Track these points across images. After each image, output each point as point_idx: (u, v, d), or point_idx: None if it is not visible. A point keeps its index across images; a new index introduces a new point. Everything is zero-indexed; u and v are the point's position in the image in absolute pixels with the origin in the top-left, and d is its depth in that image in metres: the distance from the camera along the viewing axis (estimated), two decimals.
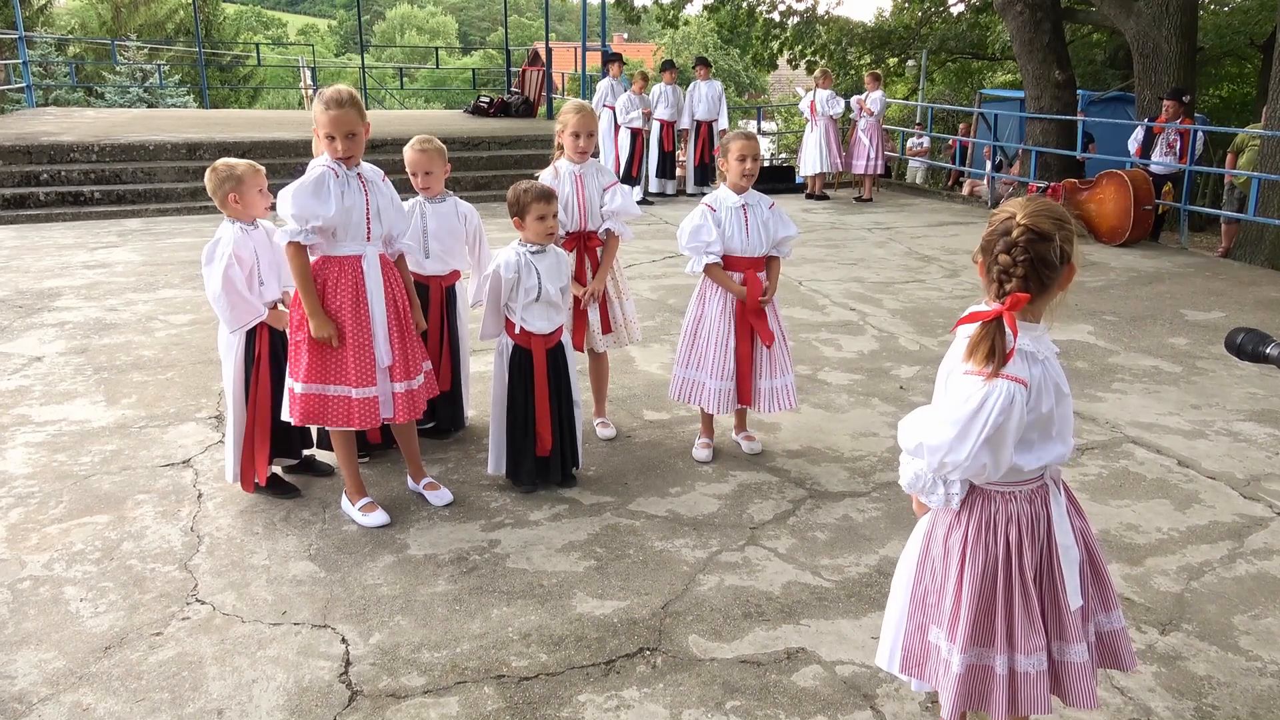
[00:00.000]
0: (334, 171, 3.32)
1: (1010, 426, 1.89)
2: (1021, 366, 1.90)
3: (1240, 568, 3.38)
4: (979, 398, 1.88)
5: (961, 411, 1.89)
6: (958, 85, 23.90)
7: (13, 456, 4.16)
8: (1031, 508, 2.05)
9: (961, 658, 2.07)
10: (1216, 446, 4.44)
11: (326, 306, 3.37)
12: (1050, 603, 2.07)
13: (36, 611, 3.03)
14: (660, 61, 13.69)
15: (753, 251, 3.99)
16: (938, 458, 1.94)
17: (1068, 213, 1.99)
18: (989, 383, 1.88)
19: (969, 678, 2.09)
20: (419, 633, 2.94)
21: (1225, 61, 20.05)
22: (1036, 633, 2.05)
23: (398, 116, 16.88)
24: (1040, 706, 2.07)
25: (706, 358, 4.07)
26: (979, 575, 2.04)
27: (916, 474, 2.05)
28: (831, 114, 11.60)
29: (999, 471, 1.95)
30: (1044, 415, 1.96)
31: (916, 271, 8.00)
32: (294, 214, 3.28)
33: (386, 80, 29.67)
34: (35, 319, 6.20)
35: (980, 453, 1.90)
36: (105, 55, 24.35)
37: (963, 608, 2.06)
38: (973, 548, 2.05)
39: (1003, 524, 2.04)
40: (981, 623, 2.06)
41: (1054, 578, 2.06)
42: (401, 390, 3.49)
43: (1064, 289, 1.98)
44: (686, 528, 3.62)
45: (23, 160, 10.28)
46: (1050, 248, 1.90)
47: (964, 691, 2.09)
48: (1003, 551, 2.04)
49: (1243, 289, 7.58)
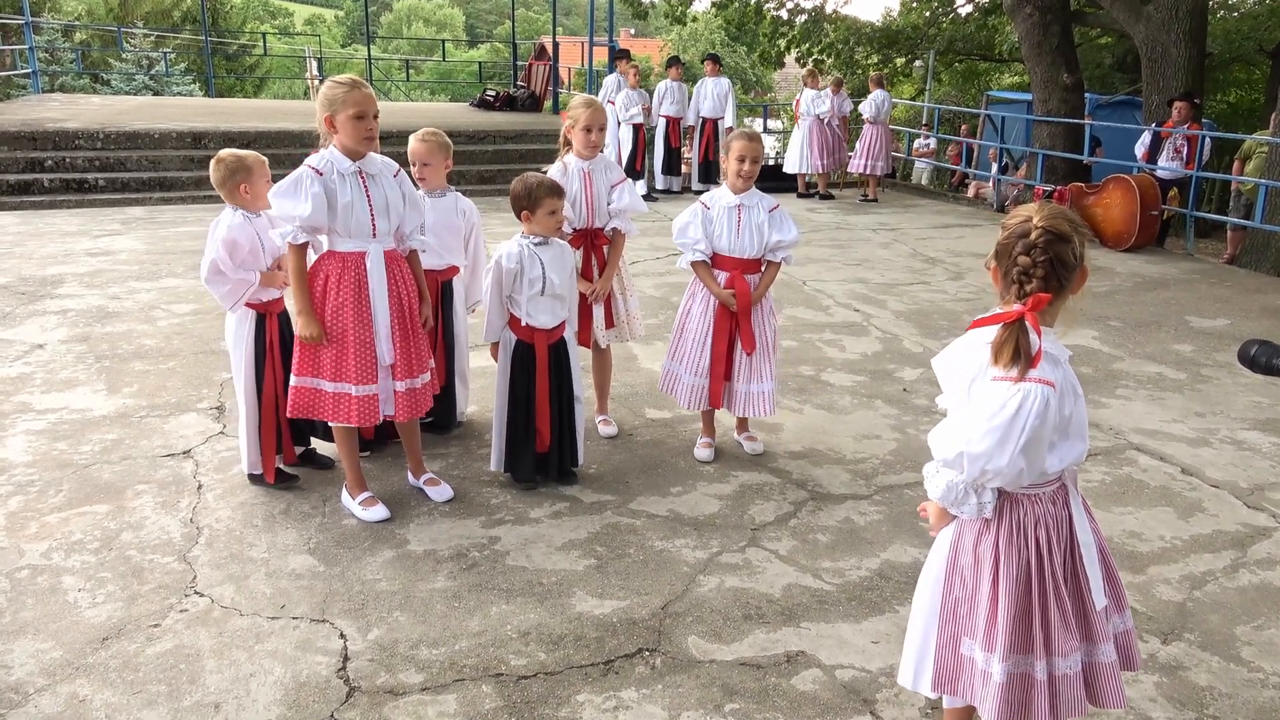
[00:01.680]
0: (316, 171, 3.27)
1: (1046, 430, 1.89)
2: (1048, 369, 1.91)
3: (1243, 578, 3.37)
4: (1015, 403, 1.87)
5: (1000, 419, 1.88)
6: (965, 86, 23.85)
7: (13, 444, 4.14)
8: (1055, 509, 2.05)
9: (1002, 667, 2.04)
10: (1221, 455, 4.42)
11: (330, 302, 3.35)
12: (1077, 602, 2.07)
13: (34, 601, 3.02)
14: (666, 58, 13.68)
15: (741, 253, 3.97)
16: (979, 465, 1.92)
17: (1078, 217, 2.01)
18: (1020, 387, 1.88)
19: (1011, 687, 2.05)
20: (418, 629, 2.93)
21: (1234, 67, 20.01)
22: (1071, 634, 2.04)
23: (403, 109, 16.84)
24: (1078, 708, 2.06)
25: (686, 352, 4.08)
26: (1014, 580, 2.02)
27: (949, 485, 2.02)
28: (817, 113, 11.55)
29: (1033, 475, 1.95)
30: (1064, 417, 1.96)
31: (921, 273, 7.98)
32: (277, 214, 3.31)
33: (393, 72, 29.61)
34: (38, 306, 6.19)
35: (1018, 458, 1.89)
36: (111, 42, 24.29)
37: (999, 615, 2.04)
38: (1005, 553, 2.03)
39: (1031, 527, 2.03)
40: (1020, 629, 2.04)
41: (1078, 578, 2.06)
42: (403, 389, 3.48)
43: (1075, 293, 1.99)
44: (687, 528, 3.60)
45: (28, 146, 10.27)
46: (1069, 249, 1.93)
47: (1007, 700, 2.05)
48: (1034, 555, 2.03)
49: (1248, 296, 7.56)
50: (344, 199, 3.29)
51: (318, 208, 3.25)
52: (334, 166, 3.30)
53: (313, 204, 3.23)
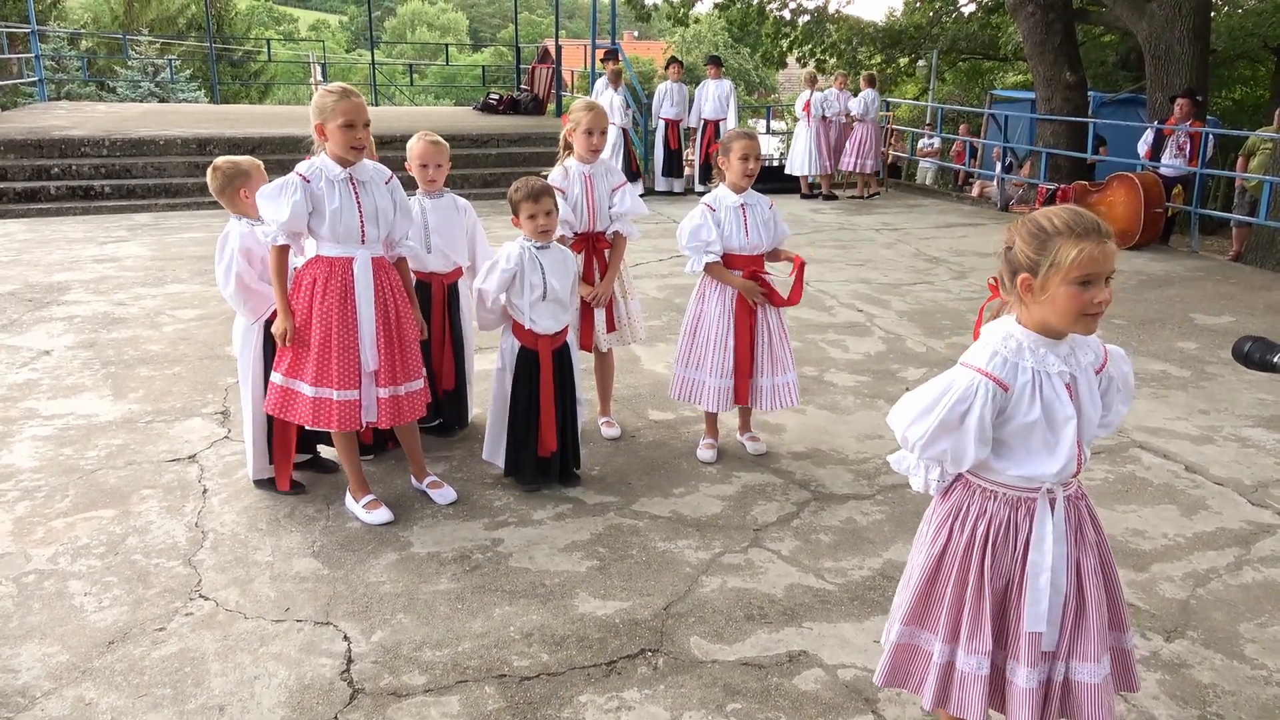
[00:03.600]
0: (303, 178, 3.31)
1: (971, 419, 1.95)
2: (999, 365, 1.96)
3: (1247, 575, 3.36)
4: (945, 383, 1.99)
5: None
6: (969, 86, 23.81)
7: (20, 450, 4.17)
8: (1011, 514, 2.05)
9: (898, 629, 2.19)
10: (1225, 452, 4.41)
11: (315, 306, 3.37)
12: (1000, 610, 2.08)
13: (41, 606, 3.04)
14: (667, 58, 13.71)
15: (752, 250, 4.00)
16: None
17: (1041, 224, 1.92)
18: (961, 370, 1.99)
19: (898, 653, 2.20)
20: (421, 631, 2.94)
21: (1238, 64, 19.94)
22: (981, 636, 2.06)
23: (407, 113, 16.88)
24: (972, 713, 2.09)
25: (706, 356, 4.07)
26: (933, 555, 2.13)
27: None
28: (827, 113, 11.67)
29: (961, 463, 2.02)
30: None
31: (924, 273, 7.98)
32: (260, 215, 3.37)
33: (396, 76, 29.70)
34: (44, 312, 6.23)
35: (938, 436, 1.98)
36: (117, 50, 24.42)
37: (909, 582, 2.17)
38: (936, 529, 2.13)
39: (973, 516, 2.08)
40: (922, 603, 2.15)
41: (1023, 592, 2.06)
42: (386, 395, 3.47)
43: (1027, 300, 1.94)
44: (690, 529, 3.61)
45: (34, 154, 10.33)
46: (1014, 247, 1.96)
47: (892, 663, 2.21)
48: (964, 542, 2.08)
49: (1253, 293, 7.54)
50: (332, 205, 3.31)
51: (295, 214, 3.28)
52: (323, 173, 3.33)
53: (291, 210, 3.27)
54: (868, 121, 11.81)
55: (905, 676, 2.22)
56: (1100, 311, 1.89)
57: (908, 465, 2.12)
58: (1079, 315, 1.89)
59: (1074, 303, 1.87)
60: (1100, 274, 1.87)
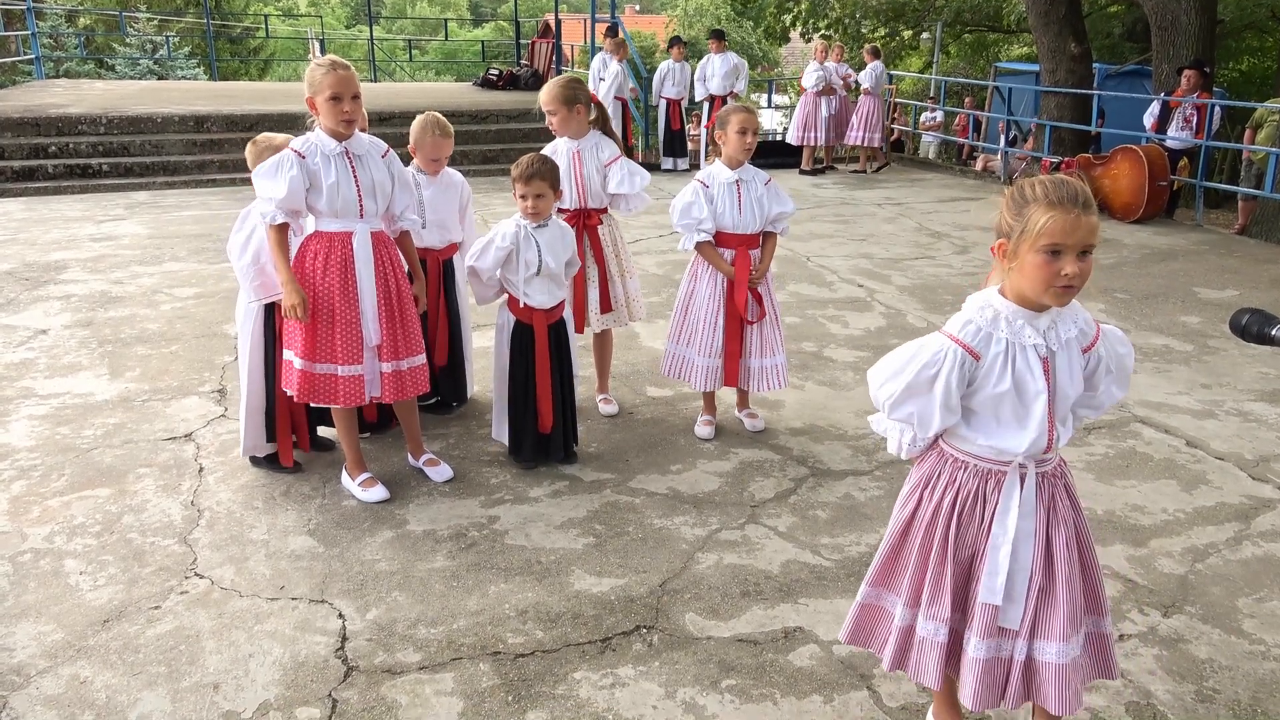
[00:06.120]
0: (298, 154, 3.27)
1: (939, 385, 1.96)
2: (974, 336, 1.97)
3: (1246, 550, 3.35)
4: (918, 346, 2.00)
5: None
6: (973, 58, 23.58)
7: (16, 429, 4.17)
8: (980, 486, 2.05)
9: (864, 590, 2.25)
10: (1226, 427, 4.38)
11: (317, 282, 3.35)
12: (962, 579, 2.10)
13: (36, 584, 3.04)
14: (670, 37, 13.58)
15: (745, 229, 3.94)
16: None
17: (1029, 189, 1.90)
18: (934, 335, 2.01)
19: (863, 612, 2.26)
20: (416, 608, 2.94)
21: (1246, 35, 19.69)
22: (941, 603, 2.08)
23: (407, 89, 16.77)
24: (928, 678, 2.13)
25: (696, 335, 4.05)
26: (902, 520, 2.16)
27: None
28: (833, 84, 11.60)
29: (928, 427, 2.02)
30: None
31: (926, 248, 7.92)
32: (258, 193, 3.32)
33: (396, 53, 29.45)
34: (41, 291, 6.21)
35: (905, 398, 1.99)
36: (115, 27, 24.24)
37: (881, 545, 2.21)
38: (907, 495, 2.16)
39: (943, 485, 2.08)
40: (888, 565, 2.20)
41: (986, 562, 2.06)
42: (389, 370, 3.46)
43: (1004, 263, 1.93)
44: (686, 505, 3.60)
45: (31, 132, 10.28)
46: (1002, 209, 1.96)
47: (856, 623, 2.27)
48: (931, 509, 2.09)
49: (1258, 267, 7.48)
50: (329, 180, 3.28)
51: (293, 190, 3.24)
52: (318, 148, 3.29)
53: (288, 186, 3.23)
54: (874, 95, 11.69)
55: (869, 636, 2.27)
56: (1070, 284, 1.84)
57: (884, 427, 2.14)
58: (1047, 285, 1.86)
59: (1041, 271, 1.85)
60: (1069, 245, 1.82)
